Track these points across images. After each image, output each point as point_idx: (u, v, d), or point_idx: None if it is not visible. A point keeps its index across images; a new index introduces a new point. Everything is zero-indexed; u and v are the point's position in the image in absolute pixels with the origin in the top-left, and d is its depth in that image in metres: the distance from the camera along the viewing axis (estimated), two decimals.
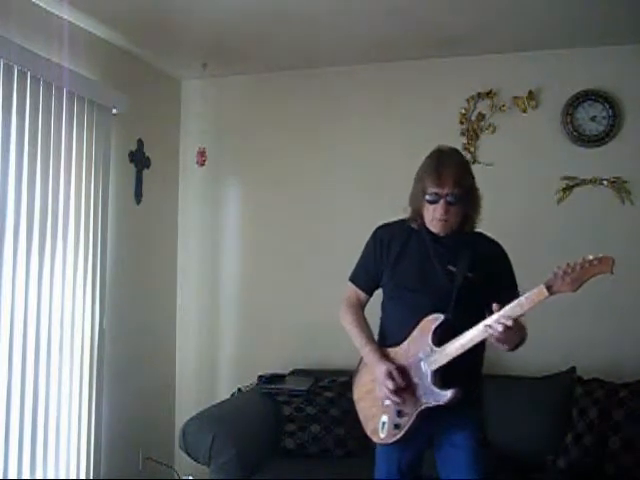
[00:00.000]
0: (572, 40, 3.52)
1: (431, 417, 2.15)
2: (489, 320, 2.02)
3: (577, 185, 3.60)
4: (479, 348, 2.18)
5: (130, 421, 3.72)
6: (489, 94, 3.73)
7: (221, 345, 4.19)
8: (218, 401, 3.53)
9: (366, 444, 3.31)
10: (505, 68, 3.73)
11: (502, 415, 3.20)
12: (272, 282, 4.08)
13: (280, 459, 3.24)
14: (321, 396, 3.47)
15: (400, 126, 3.87)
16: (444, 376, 2.12)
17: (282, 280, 4.06)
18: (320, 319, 3.95)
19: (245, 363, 4.05)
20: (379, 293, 2.41)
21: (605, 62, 3.58)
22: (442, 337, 2.12)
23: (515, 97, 3.69)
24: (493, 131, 3.73)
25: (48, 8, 3.10)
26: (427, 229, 2.25)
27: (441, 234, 2.22)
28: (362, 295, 2.41)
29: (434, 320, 2.13)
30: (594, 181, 3.57)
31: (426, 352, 2.14)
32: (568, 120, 3.60)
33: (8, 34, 2.80)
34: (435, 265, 2.22)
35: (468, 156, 3.58)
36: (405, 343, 2.21)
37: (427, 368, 2.13)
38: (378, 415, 2.26)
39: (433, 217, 2.19)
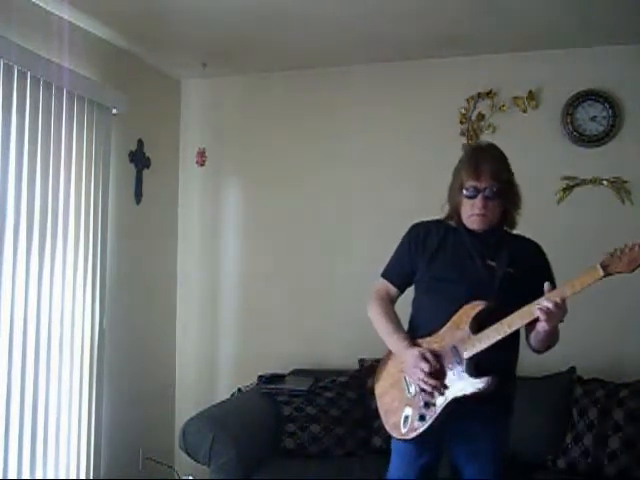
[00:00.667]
0: (572, 40, 3.52)
1: (458, 412, 2.08)
2: (536, 302, 1.97)
3: (577, 185, 3.60)
4: (515, 345, 2.16)
5: (130, 421, 3.72)
6: (489, 94, 3.73)
7: (221, 345, 4.19)
8: (218, 401, 3.53)
9: (366, 444, 3.35)
10: (505, 68, 3.73)
11: None
12: (272, 282, 4.08)
13: (280, 459, 3.24)
14: (321, 396, 3.46)
15: (400, 126, 3.87)
16: (478, 367, 2.05)
17: (282, 280, 4.06)
18: (320, 319, 3.96)
19: (245, 363, 4.04)
20: (406, 296, 2.37)
21: (605, 62, 3.58)
22: (481, 326, 2.05)
23: (515, 97, 3.69)
24: (493, 131, 3.72)
25: (48, 8, 3.10)
26: (465, 226, 2.21)
27: (480, 230, 2.18)
28: (393, 290, 2.35)
29: (475, 306, 2.07)
30: (594, 181, 3.57)
31: (463, 339, 2.07)
32: (568, 120, 3.60)
33: (8, 34, 2.80)
34: (475, 259, 2.17)
35: None
36: (441, 331, 2.14)
37: (462, 356, 2.07)
38: (401, 408, 2.19)
39: (472, 212, 2.15)
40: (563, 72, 3.64)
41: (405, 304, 2.37)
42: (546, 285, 1.98)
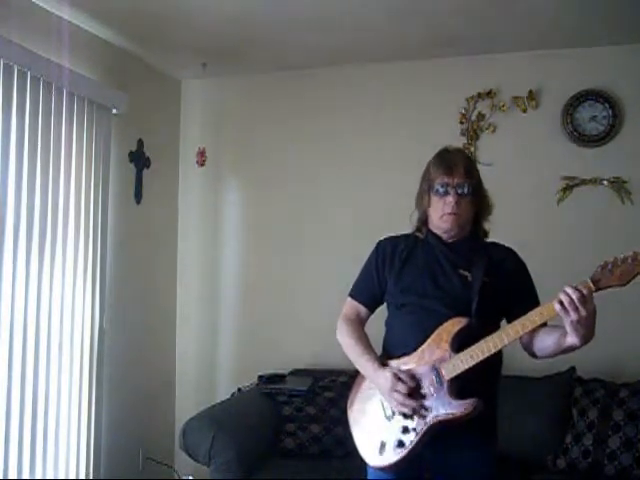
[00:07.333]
0: (572, 40, 3.52)
1: (439, 439, 1.94)
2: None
3: (577, 185, 3.60)
4: (498, 363, 2.04)
5: (130, 421, 3.72)
6: (489, 94, 3.72)
7: (221, 345, 4.19)
8: (218, 401, 3.53)
9: None
10: (505, 68, 3.73)
11: (502, 415, 3.18)
12: (272, 282, 4.08)
13: (280, 459, 3.24)
14: (321, 396, 3.47)
15: (400, 126, 3.87)
16: (461, 388, 1.92)
17: (282, 280, 4.06)
18: (320, 319, 3.95)
19: (245, 363, 4.05)
20: (377, 317, 2.26)
21: (605, 62, 3.58)
22: (462, 344, 1.92)
23: (515, 97, 3.69)
24: (493, 131, 3.72)
25: (48, 8, 3.10)
26: (435, 235, 2.11)
27: (450, 234, 2.07)
28: (362, 310, 2.23)
29: (457, 323, 1.94)
30: (594, 181, 3.57)
31: (443, 358, 1.94)
32: (568, 120, 3.60)
33: (8, 34, 2.80)
34: (446, 270, 2.05)
35: None
36: (418, 350, 1.99)
37: (443, 377, 1.93)
38: (377, 434, 2.03)
39: (443, 212, 2.02)
40: (563, 72, 3.64)
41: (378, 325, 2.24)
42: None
